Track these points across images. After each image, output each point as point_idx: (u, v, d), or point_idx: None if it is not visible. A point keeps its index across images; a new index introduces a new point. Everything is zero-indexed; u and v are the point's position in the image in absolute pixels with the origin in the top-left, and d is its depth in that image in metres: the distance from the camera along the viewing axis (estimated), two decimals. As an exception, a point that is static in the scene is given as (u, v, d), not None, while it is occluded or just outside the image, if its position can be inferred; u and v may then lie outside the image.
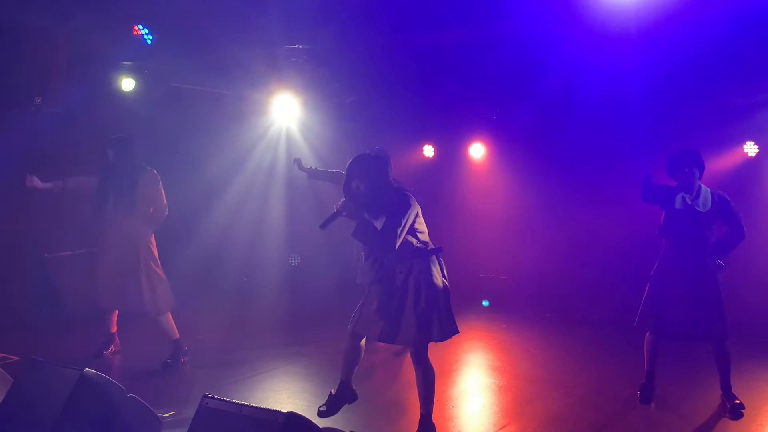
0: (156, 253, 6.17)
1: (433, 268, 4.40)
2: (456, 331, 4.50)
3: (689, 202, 4.92)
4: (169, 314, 6.16)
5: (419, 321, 4.31)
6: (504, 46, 6.67)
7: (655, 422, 4.97)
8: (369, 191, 4.25)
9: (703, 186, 4.98)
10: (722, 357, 5.00)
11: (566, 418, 5.04)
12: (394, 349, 6.45)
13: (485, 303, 9.19)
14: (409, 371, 6.15)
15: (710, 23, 5.59)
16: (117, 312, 6.34)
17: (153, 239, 6.17)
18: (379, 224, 4.20)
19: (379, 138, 7.94)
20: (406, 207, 4.26)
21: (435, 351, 4.58)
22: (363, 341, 4.63)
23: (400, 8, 5.96)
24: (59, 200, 6.84)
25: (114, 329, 6.40)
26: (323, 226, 4.27)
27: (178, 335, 6.19)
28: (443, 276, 4.48)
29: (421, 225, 4.46)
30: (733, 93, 7.34)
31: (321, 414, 4.63)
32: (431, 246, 4.47)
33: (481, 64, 7.14)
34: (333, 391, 4.67)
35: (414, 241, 4.35)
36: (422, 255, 4.38)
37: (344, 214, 4.24)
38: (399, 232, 4.18)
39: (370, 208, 4.25)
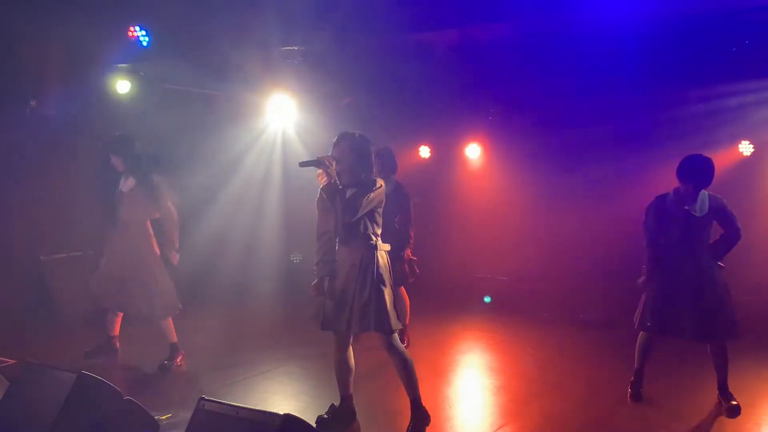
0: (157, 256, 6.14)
1: (381, 262, 4.53)
2: (391, 331, 4.54)
3: (686, 208, 4.95)
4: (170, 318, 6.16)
5: (372, 310, 4.44)
6: (500, 46, 6.68)
7: (651, 422, 4.98)
8: (347, 163, 4.45)
9: (702, 191, 5.01)
10: (720, 356, 5.01)
11: (563, 418, 5.05)
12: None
13: (487, 299, 9.20)
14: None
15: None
16: (122, 315, 6.32)
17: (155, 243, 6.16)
18: (348, 193, 4.41)
19: (376, 139, 7.91)
20: (376, 187, 4.46)
21: (432, 352, 4.61)
22: (350, 353, 4.73)
23: (396, 9, 5.96)
24: (55, 202, 6.83)
25: (116, 332, 6.38)
26: (302, 164, 4.48)
27: (176, 339, 6.18)
28: (389, 272, 4.60)
29: (380, 218, 4.60)
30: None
31: (323, 422, 4.67)
32: (379, 242, 4.58)
33: (477, 64, 7.15)
34: (336, 404, 4.77)
35: (370, 226, 4.50)
36: (371, 247, 4.50)
37: (321, 166, 4.40)
38: (364, 202, 4.36)
39: (343, 178, 4.44)
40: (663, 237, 5.06)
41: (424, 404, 4.65)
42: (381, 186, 4.51)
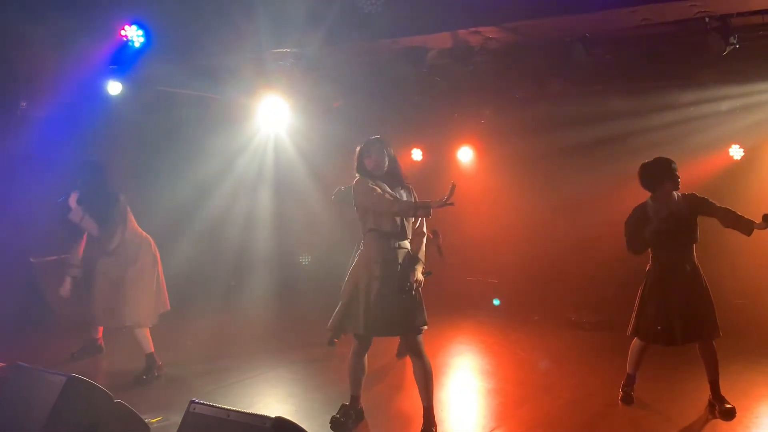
0: (149, 263, 6.10)
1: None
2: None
3: (667, 212, 4.96)
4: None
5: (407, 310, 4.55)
6: (492, 49, 6.70)
7: (643, 425, 5.00)
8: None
9: (675, 193, 5.02)
10: (709, 356, 5.02)
11: (555, 421, 5.06)
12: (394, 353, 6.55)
13: (496, 302, 9.20)
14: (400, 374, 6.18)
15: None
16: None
17: (154, 247, 6.16)
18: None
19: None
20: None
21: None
22: (366, 355, 4.80)
23: (388, 12, 5.97)
24: (46, 205, 6.79)
25: (99, 335, 6.37)
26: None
27: (152, 349, 6.06)
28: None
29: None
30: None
31: (337, 422, 4.74)
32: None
33: (469, 66, 7.15)
34: (346, 403, 4.85)
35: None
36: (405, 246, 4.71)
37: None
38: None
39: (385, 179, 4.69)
40: (653, 243, 5.07)
41: (416, 407, 4.67)
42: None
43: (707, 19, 5.66)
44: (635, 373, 5.33)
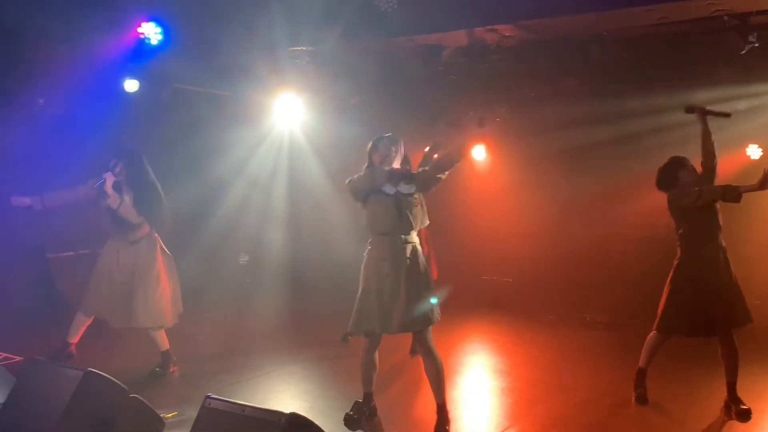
0: (167, 262, 6.07)
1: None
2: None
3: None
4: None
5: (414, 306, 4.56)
6: (508, 47, 6.69)
7: (656, 425, 4.97)
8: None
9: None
10: (731, 358, 4.97)
11: (568, 421, 5.04)
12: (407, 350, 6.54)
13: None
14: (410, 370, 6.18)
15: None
16: (90, 321, 6.12)
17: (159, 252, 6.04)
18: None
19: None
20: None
21: (438, 352, 4.63)
22: (377, 352, 4.81)
23: (404, 10, 5.96)
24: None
25: (76, 340, 6.11)
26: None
27: (168, 346, 6.05)
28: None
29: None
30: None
31: (351, 419, 4.77)
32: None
33: (484, 64, 7.14)
34: (359, 400, 4.87)
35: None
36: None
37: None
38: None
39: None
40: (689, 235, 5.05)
41: (428, 406, 4.67)
42: None
43: (726, 18, 5.62)
44: (647, 367, 5.29)
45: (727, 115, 5.14)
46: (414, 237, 4.68)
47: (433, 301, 4.63)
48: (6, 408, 4.07)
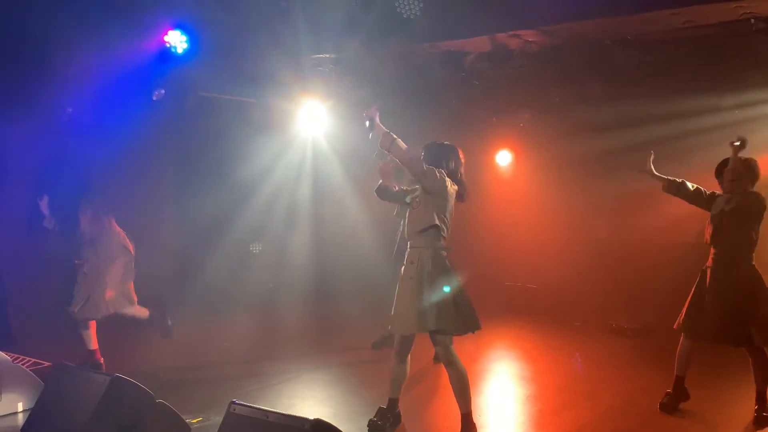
0: (115, 258, 6.34)
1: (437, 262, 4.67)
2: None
3: (726, 208, 4.90)
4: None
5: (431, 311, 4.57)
6: (531, 52, 6.66)
7: (686, 433, 4.91)
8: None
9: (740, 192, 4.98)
10: (761, 367, 4.89)
11: (594, 429, 4.98)
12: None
13: None
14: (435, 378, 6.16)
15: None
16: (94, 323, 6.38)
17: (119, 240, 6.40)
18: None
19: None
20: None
21: (461, 361, 4.60)
22: (409, 358, 4.84)
23: (427, 16, 5.97)
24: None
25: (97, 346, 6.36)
26: None
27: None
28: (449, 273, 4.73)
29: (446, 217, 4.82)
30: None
31: (375, 426, 4.78)
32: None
33: (508, 69, 7.12)
34: (383, 406, 4.87)
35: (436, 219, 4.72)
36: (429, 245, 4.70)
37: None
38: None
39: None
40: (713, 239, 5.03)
41: (453, 414, 4.66)
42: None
43: (753, 21, 5.54)
44: (684, 374, 5.20)
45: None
46: (419, 242, 4.72)
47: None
48: (34, 413, 4.14)
